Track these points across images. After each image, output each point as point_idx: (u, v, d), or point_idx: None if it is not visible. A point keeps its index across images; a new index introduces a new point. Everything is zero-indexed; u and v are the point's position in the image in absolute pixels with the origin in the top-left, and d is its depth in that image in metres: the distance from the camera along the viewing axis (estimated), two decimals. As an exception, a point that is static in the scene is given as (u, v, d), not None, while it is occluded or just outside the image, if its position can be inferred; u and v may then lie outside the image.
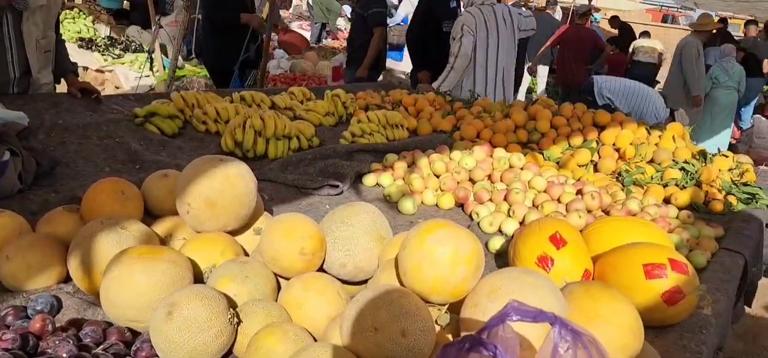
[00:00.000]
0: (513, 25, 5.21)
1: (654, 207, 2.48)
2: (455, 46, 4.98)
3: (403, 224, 2.37)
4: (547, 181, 2.65)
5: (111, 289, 1.42)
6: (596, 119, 3.57)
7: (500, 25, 5.08)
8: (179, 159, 2.69)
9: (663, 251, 1.69)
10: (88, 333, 1.38)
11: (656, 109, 6.95)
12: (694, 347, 1.56)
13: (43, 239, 1.65)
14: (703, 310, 1.70)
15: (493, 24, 5.04)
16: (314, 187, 2.58)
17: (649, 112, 6.88)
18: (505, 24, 5.12)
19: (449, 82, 5.00)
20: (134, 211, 1.83)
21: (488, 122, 3.68)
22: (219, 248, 1.67)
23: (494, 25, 5.04)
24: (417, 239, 1.40)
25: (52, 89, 3.37)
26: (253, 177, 1.82)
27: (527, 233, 1.85)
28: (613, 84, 7.16)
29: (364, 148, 3.12)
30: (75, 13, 9.48)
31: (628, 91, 7.07)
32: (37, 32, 3.04)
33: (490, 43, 5.05)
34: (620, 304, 1.34)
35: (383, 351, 1.24)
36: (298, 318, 1.47)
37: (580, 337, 0.90)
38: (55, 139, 2.72)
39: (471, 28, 4.92)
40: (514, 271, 1.35)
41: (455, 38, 5.01)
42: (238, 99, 3.63)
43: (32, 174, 2.21)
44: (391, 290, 1.32)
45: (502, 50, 5.13)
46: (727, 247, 2.28)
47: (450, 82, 5.00)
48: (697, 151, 3.22)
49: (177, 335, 1.29)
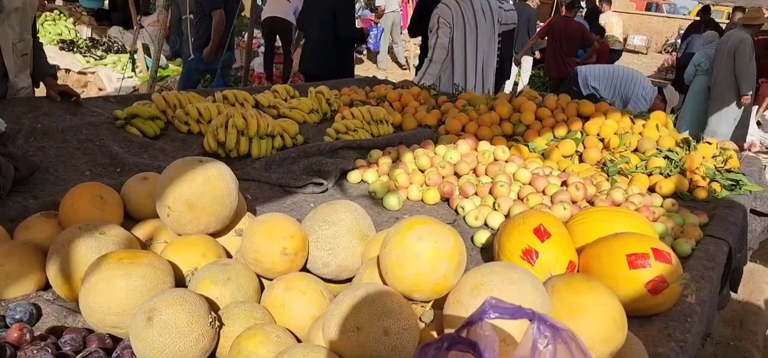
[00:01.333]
0: (492, 17, 5.21)
1: (638, 196, 2.49)
2: (432, 38, 4.99)
3: (388, 220, 2.36)
4: (532, 173, 2.65)
5: (90, 295, 1.40)
6: (580, 110, 3.58)
7: (479, 18, 5.07)
8: (161, 161, 2.65)
9: (646, 240, 1.70)
10: (67, 341, 1.36)
11: (644, 89, 6.93)
12: (679, 335, 1.56)
13: (20, 247, 1.62)
14: (688, 298, 1.71)
15: (471, 16, 5.04)
16: (298, 185, 2.56)
17: (636, 94, 6.88)
18: (484, 17, 5.12)
19: (430, 75, 5.00)
20: (113, 215, 1.80)
21: (473, 116, 3.68)
22: (200, 251, 1.65)
23: (472, 18, 5.04)
24: (397, 237, 1.39)
25: (30, 93, 3.32)
26: (234, 178, 1.80)
27: (511, 226, 1.85)
28: (596, 71, 7.17)
29: (349, 144, 3.10)
30: (55, 14, 9.35)
31: (613, 76, 7.07)
32: (13, 35, 2.99)
33: (468, 36, 5.05)
34: (603, 295, 1.33)
35: (366, 351, 1.23)
36: (282, 319, 1.45)
37: (559, 332, 0.90)
38: (34, 144, 2.67)
39: (447, 20, 4.92)
40: (496, 266, 1.34)
41: (432, 31, 5.02)
42: (221, 98, 3.60)
43: (10, 180, 2.17)
44: (372, 288, 1.31)
45: (482, 43, 5.13)
46: (711, 234, 2.29)
47: (430, 75, 5.00)
48: (681, 139, 3.24)
49: (158, 340, 1.28)
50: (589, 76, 7.13)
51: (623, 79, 7.02)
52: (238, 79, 8.49)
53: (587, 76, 7.13)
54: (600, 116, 3.45)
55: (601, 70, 7.21)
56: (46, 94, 3.32)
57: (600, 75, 7.10)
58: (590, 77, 7.12)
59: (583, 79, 7.14)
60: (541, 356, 0.88)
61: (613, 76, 7.07)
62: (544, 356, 0.88)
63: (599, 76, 7.10)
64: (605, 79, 7.07)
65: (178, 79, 7.77)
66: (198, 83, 7.22)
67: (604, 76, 7.09)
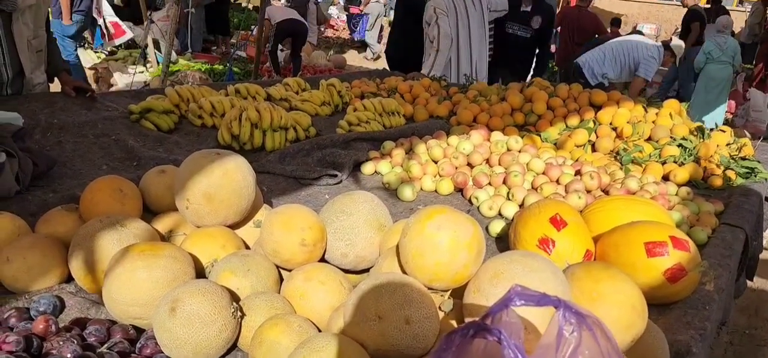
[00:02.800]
0: (482, 5, 5.20)
1: (653, 185, 2.48)
2: (433, 30, 5.01)
3: (402, 211, 2.37)
4: (546, 163, 2.64)
5: (113, 287, 1.42)
6: (592, 99, 3.56)
7: (469, 7, 5.09)
8: (176, 154, 2.68)
9: (664, 228, 1.69)
10: (92, 332, 1.38)
11: (648, 50, 6.65)
12: (697, 323, 1.56)
13: (43, 240, 1.64)
14: (706, 286, 1.71)
15: (462, 6, 5.05)
16: (313, 177, 2.58)
17: (643, 56, 6.65)
18: (474, 6, 5.12)
19: (438, 65, 5.01)
20: (133, 208, 1.82)
21: (484, 106, 3.67)
22: (220, 242, 1.66)
23: (463, 7, 5.05)
24: (417, 226, 1.39)
25: (45, 89, 3.34)
26: (251, 170, 1.82)
27: (527, 215, 1.85)
28: (597, 55, 6.90)
29: (362, 136, 3.11)
30: (66, 11, 9.38)
31: (614, 52, 6.78)
32: (27, 32, 3.02)
33: (460, 26, 5.06)
34: (622, 283, 1.33)
35: (387, 340, 1.24)
36: (301, 309, 1.47)
37: (584, 319, 0.90)
38: (51, 139, 2.70)
39: (443, 9, 4.94)
40: (515, 254, 1.35)
41: (430, 23, 5.03)
42: (233, 92, 3.62)
43: (29, 175, 2.20)
44: (393, 278, 1.32)
45: (474, 32, 5.14)
46: (727, 222, 2.28)
47: (439, 65, 5.01)
48: (694, 127, 3.22)
49: (181, 331, 1.29)
50: (593, 63, 6.91)
51: (625, 50, 6.77)
52: (249, 73, 8.52)
53: (591, 64, 6.93)
54: (612, 105, 3.43)
55: (600, 53, 6.93)
56: (61, 89, 3.34)
57: (602, 58, 6.85)
58: (594, 64, 6.91)
59: (589, 70, 6.96)
60: (566, 344, 0.89)
61: (614, 52, 6.83)
62: (570, 344, 0.89)
63: (602, 59, 6.85)
64: (610, 59, 6.83)
65: (188, 73, 7.81)
66: (75, 52, 7.60)
67: (607, 57, 6.83)
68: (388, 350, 1.25)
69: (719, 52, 8.14)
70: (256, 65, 7.97)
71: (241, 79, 8.18)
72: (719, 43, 8.18)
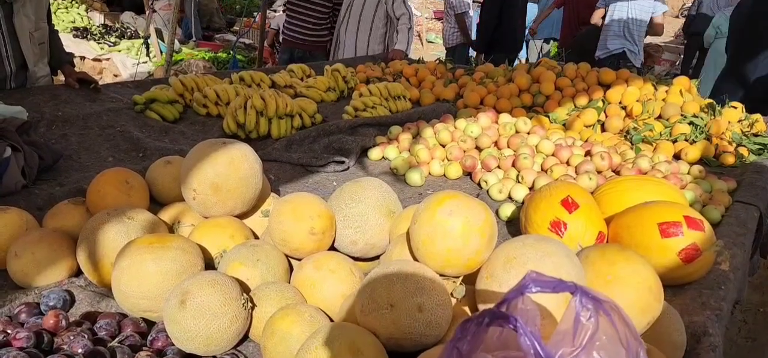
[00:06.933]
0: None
1: (665, 164, 2.45)
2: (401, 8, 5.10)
3: (411, 196, 2.35)
4: (555, 144, 2.61)
5: (122, 281, 1.41)
6: (601, 78, 3.52)
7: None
8: (182, 144, 2.66)
9: (678, 208, 1.67)
10: (102, 326, 1.37)
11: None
12: (713, 303, 1.54)
13: (50, 234, 1.63)
14: (721, 266, 1.68)
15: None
16: (320, 164, 2.56)
17: (637, 6, 6.51)
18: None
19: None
20: (140, 200, 1.81)
21: (491, 88, 3.64)
22: (228, 233, 1.65)
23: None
24: (428, 212, 1.37)
25: (49, 81, 3.33)
26: (258, 158, 1.80)
27: (538, 198, 1.82)
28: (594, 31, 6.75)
29: (368, 121, 3.08)
30: (68, 2, 9.38)
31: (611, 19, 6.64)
32: (29, 24, 3.00)
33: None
34: (638, 265, 1.31)
35: (400, 328, 1.22)
36: (312, 298, 1.45)
37: (601, 304, 0.88)
38: (56, 132, 2.69)
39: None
40: (528, 239, 1.32)
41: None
42: (238, 80, 3.59)
43: (35, 169, 2.19)
44: (404, 265, 1.30)
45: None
46: (740, 200, 2.25)
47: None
48: (705, 104, 3.17)
49: (192, 323, 1.28)
50: (606, 33, 6.71)
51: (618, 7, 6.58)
52: (253, 61, 8.47)
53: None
54: (621, 84, 3.39)
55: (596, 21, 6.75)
56: (64, 81, 3.33)
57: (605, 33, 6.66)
58: (608, 36, 6.72)
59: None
60: (583, 330, 0.87)
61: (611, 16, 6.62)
62: (587, 330, 0.87)
63: (606, 35, 6.67)
64: (612, 31, 6.63)
65: (191, 62, 7.78)
66: None
67: (607, 30, 6.65)
68: (401, 338, 1.24)
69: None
70: (260, 52, 7.93)
71: (245, 66, 8.14)
72: (731, 18, 8.03)
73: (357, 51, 5.27)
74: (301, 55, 5.46)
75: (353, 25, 5.25)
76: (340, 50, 5.36)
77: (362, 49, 5.27)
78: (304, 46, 5.53)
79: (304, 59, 5.17)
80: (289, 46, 5.62)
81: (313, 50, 5.57)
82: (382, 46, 5.31)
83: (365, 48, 5.27)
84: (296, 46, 5.55)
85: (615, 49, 6.55)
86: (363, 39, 5.27)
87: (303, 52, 5.50)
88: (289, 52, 5.58)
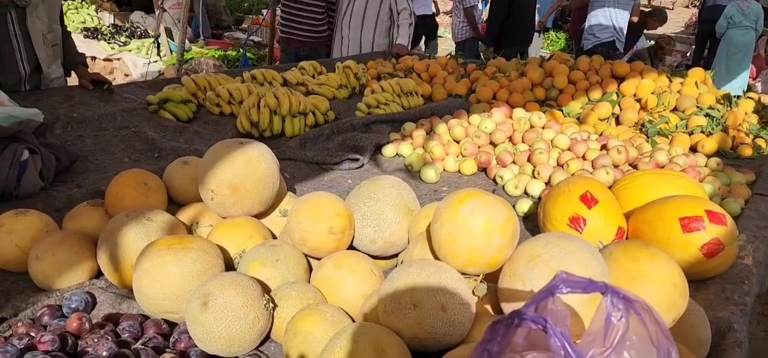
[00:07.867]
0: None
1: (682, 157, 2.43)
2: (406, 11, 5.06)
3: (426, 192, 2.34)
4: (570, 138, 2.59)
5: (143, 283, 1.41)
6: (615, 70, 3.49)
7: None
8: (197, 144, 2.67)
9: (699, 202, 1.65)
10: (125, 328, 1.37)
11: None
12: (737, 298, 1.52)
13: (71, 236, 1.64)
14: (744, 260, 1.67)
15: None
16: (334, 162, 2.55)
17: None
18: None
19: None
20: (158, 201, 1.81)
21: (504, 82, 3.62)
22: (247, 233, 1.65)
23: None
24: (449, 211, 1.36)
25: (63, 83, 3.35)
26: (275, 158, 1.80)
27: (556, 193, 1.81)
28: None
29: (381, 118, 3.07)
30: (77, 3, 9.42)
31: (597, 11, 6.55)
32: (42, 27, 3.01)
33: None
34: (663, 261, 1.30)
35: (424, 327, 1.22)
36: (333, 298, 1.45)
37: (632, 304, 0.87)
38: (72, 134, 2.70)
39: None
40: (550, 236, 1.31)
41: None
42: (250, 78, 3.59)
43: (53, 171, 2.19)
44: (427, 264, 1.30)
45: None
46: (760, 192, 2.23)
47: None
48: (720, 95, 3.14)
49: (215, 325, 1.28)
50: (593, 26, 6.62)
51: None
52: (263, 58, 8.47)
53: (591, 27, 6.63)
54: (635, 76, 3.36)
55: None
56: (78, 83, 3.34)
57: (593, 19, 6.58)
58: (592, 22, 6.61)
59: (591, 34, 6.67)
60: (614, 330, 0.86)
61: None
62: (618, 330, 0.86)
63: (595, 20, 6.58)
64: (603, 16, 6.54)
65: (201, 61, 7.79)
66: None
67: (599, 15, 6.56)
68: (424, 338, 1.23)
69: (741, 17, 7.93)
70: (270, 50, 7.93)
71: (255, 64, 8.14)
72: (741, 7, 7.96)
73: (362, 46, 5.24)
74: (306, 53, 5.44)
75: (357, 20, 5.20)
76: (344, 45, 5.32)
77: (367, 43, 5.23)
78: (306, 44, 5.50)
79: (309, 57, 5.15)
80: (290, 45, 5.59)
81: (316, 47, 5.54)
82: (387, 41, 5.27)
83: (370, 42, 5.23)
84: (298, 45, 5.52)
85: (605, 38, 6.51)
86: (368, 34, 5.23)
87: (307, 51, 5.48)
88: (294, 52, 5.56)
